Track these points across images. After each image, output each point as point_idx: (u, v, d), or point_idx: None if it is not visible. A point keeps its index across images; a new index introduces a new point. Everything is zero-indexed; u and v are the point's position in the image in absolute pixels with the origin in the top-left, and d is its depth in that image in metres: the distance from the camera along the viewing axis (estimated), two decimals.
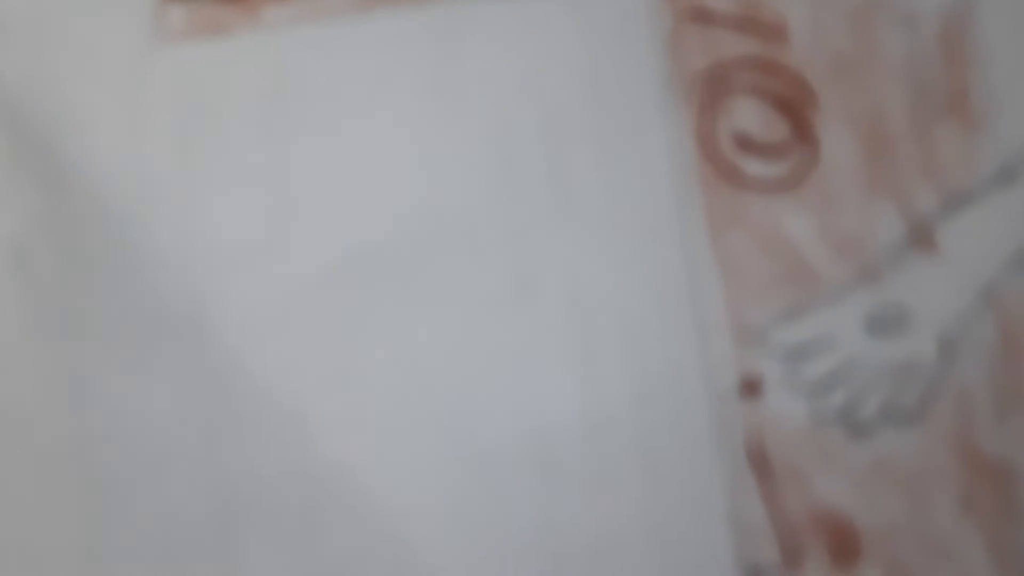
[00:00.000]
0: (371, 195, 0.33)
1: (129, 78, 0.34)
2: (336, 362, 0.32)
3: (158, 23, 0.34)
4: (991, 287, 0.30)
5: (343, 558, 0.31)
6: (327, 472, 0.31)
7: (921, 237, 0.31)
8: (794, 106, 0.31)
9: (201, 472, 0.32)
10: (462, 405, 0.31)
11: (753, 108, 0.32)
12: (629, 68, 0.32)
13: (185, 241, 0.33)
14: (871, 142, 0.31)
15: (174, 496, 0.32)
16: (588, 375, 0.31)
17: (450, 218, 0.32)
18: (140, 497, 0.32)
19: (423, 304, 0.32)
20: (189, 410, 0.32)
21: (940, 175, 0.31)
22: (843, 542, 0.29)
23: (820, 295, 0.31)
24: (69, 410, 0.32)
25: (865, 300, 0.31)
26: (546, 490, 0.30)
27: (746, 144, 0.32)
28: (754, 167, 0.31)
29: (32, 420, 0.32)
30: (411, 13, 0.33)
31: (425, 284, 0.32)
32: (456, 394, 0.31)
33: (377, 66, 0.33)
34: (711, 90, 0.32)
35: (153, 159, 0.34)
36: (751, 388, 0.30)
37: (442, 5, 0.33)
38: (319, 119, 0.33)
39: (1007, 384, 0.30)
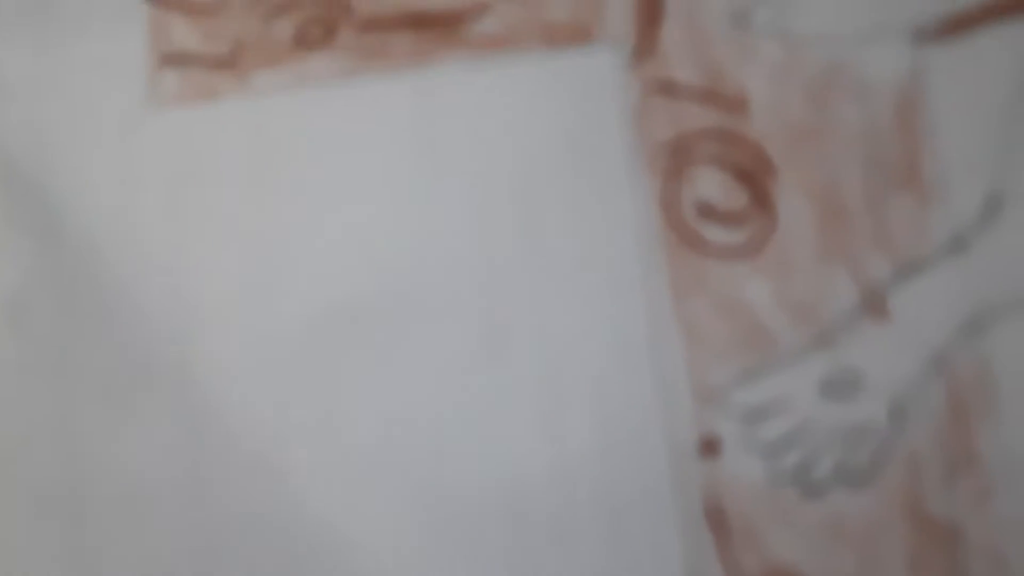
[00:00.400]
0: (350, 253, 0.34)
1: (123, 139, 0.35)
2: (314, 412, 0.33)
3: (152, 87, 0.35)
4: (941, 354, 0.31)
5: None
6: (303, 518, 0.32)
7: (874, 304, 0.32)
8: (753, 176, 0.32)
9: (184, 514, 0.33)
10: (434, 457, 0.32)
11: (714, 177, 0.33)
12: (599, 137, 0.33)
13: (172, 294, 0.34)
14: (827, 211, 0.32)
15: (157, 537, 0.32)
16: (555, 430, 0.32)
17: (425, 276, 0.33)
18: (125, 538, 0.32)
19: (398, 358, 0.32)
20: (173, 455, 0.33)
21: (893, 243, 0.32)
22: None
23: (777, 358, 0.32)
24: (58, 452, 0.33)
25: (819, 364, 0.31)
26: (513, 540, 0.31)
27: (707, 212, 0.33)
28: (715, 234, 0.32)
29: (22, 461, 0.33)
30: (392, 80, 0.34)
31: (400, 339, 0.33)
32: (428, 446, 0.32)
33: (359, 130, 0.34)
34: (675, 160, 0.33)
35: (144, 216, 0.35)
36: (710, 447, 0.31)
37: (422, 73, 0.34)
38: (303, 181, 0.34)
39: (955, 448, 0.31)
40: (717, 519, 0.30)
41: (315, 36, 0.34)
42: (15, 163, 0.34)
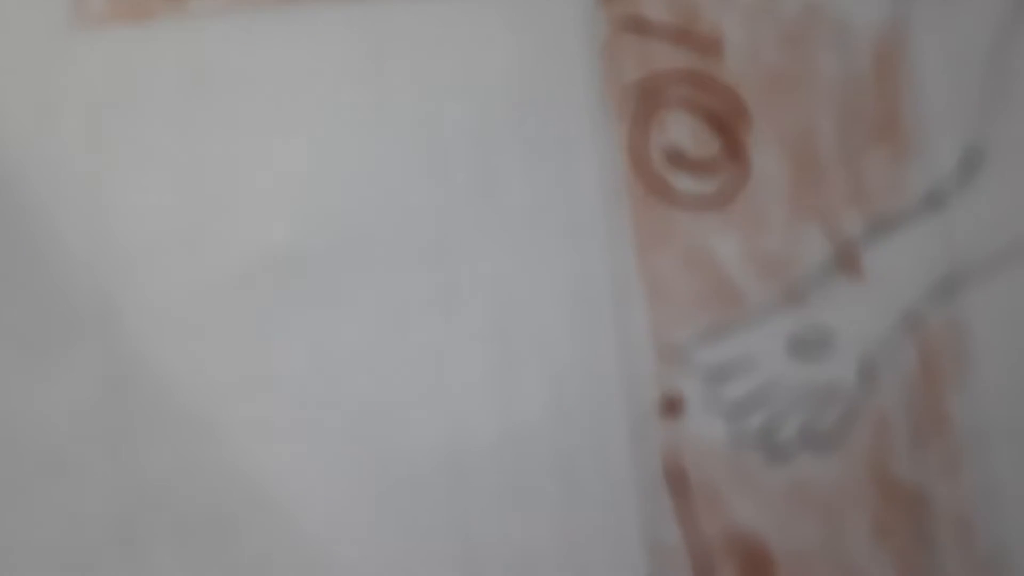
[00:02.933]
0: (291, 194, 0.31)
1: (44, 62, 0.32)
2: (249, 366, 0.30)
3: (77, 6, 0.32)
4: (914, 313, 0.29)
5: (250, 567, 0.29)
6: (236, 479, 0.30)
7: (847, 260, 0.30)
8: (726, 123, 0.30)
9: (105, 477, 0.29)
10: (377, 414, 0.29)
11: (685, 123, 0.30)
12: (562, 75, 0.31)
13: (95, 235, 0.31)
14: (801, 163, 0.30)
15: (76, 501, 0.29)
16: (507, 389, 0.29)
17: (369, 222, 0.30)
18: (40, 501, 0.29)
19: (341, 309, 0.30)
20: (96, 412, 0.30)
21: (868, 198, 0.30)
22: (757, 565, 0.28)
23: (744, 315, 0.30)
24: None
25: (788, 322, 0.29)
26: (462, 504, 0.29)
27: (677, 160, 0.30)
28: (684, 183, 0.30)
29: None
30: (340, 8, 0.31)
31: (342, 289, 0.30)
32: (371, 403, 0.30)
33: (302, 61, 0.31)
34: (644, 102, 0.30)
35: (65, 148, 0.31)
36: (672, 407, 0.30)
37: (371, 2, 0.32)
38: (240, 113, 0.31)
39: (925, 411, 0.29)
40: (677, 482, 0.28)
41: None
42: None
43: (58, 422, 0.30)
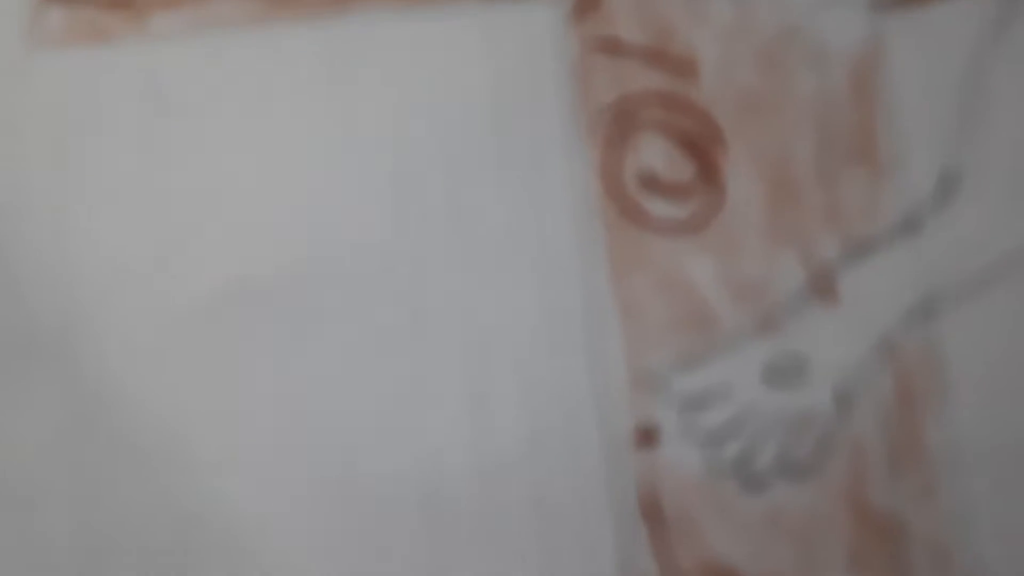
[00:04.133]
0: (258, 219, 0.30)
1: (2, 82, 0.31)
2: (216, 396, 0.29)
3: (35, 26, 0.31)
4: (890, 339, 0.29)
5: None
6: (202, 511, 0.29)
7: (822, 286, 0.29)
8: (701, 146, 0.30)
9: (70, 511, 0.28)
10: (347, 445, 0.28)
11: (659, 146, 0.29)
12: (534, 97, 0.30)
13: (59, 260, 0.30)
14: (776, 186, 0.29)
15: (41, 534, 0.28)
16: (480, 417, 0.29)
17: (341, 247, 0.30)
18: (4, 533, 0.29)
19: (307, 339, 0.29)
20: (57, 442, 0.29)
21: (844, 223, 0.29)
22: None
23: (719, 342, 0.29)
24: None
25: (763, 349, 0.29)
26: (435, 538, 0.28)
27: (651, 183, 0.30)
28: (658, 207, 0.29)
29: None
30: (305, 29, 0.31)
31: (309, 318, 0.29)
32: (341, 433, 0.28)
33: (266, 83, 0.30)
34: (617, 125, 0.30)
35: (27, 170, 0.30)
36: (646, 437, 0.29)
37: (337, 22, 0.31)
38: (205, 136, 0.30)
39: (901, 438, 0.29)
40: (653, 512, 0.28)
41: None
42: None
43: (23, 454, 0.29)
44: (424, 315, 0.29)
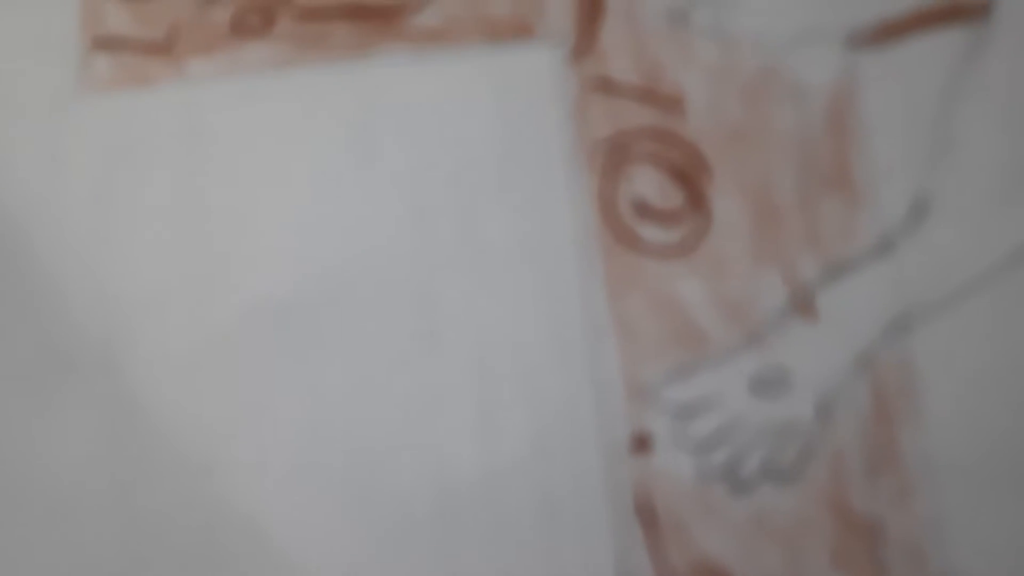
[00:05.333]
0: (282, 246, 0.32)
1: (52, 121, 0.33)
2: (245, 410, 0.31)
3: (84, 70, 0.34)
4: (867, 353, 0.31)
5: None
6: (232, 517, 0.31)
7: (803, 304, 0.31)
8: (689, 175, 0.32)
9: (108, 517, 0.30)
10: (364, 457, 0.31)
11: (651, 176, 0.32)
12: (537, 132, 0.32)
13: (99, 284, 0.32)
14: (759, 212, 0.31)
15: (83, 541, 0.30)
16: (488, 430, 0.31)
17: (361, 270, 0.32)
18: (47, 543, 0.30)
19: (331, 354, 0.31)
20: (97, 454, 0.31)
21: (823, 245, 0.31)
22: None
23: (708, 356, 0.31)
24: None
25: (750, 362, 0.31)
26: (446, 542, 0.30)
27: (644, 211, 0.32)
28: (650, 233, 0.32)
29: None
30: (329, 72, 0.33)
31: (331, 336, 0.31)
32: (358, 446, 0.31)
33: (294, 121, 0.33)
34: (613, 157, 0.32)
35: (71, 203, 0.33)
36: (641, 444, 0.31)
37: (360, 65, 0.33)
38: (236, 171, 0.33)
39: (878, 446, 0.31)
40: (647, 515, 0.30)
41: (253, 24, 0.32)
42: None
43: (66, 466, 0.31)
44: (436, 333, 0.31)
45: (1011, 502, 0.29)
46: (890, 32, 0.31)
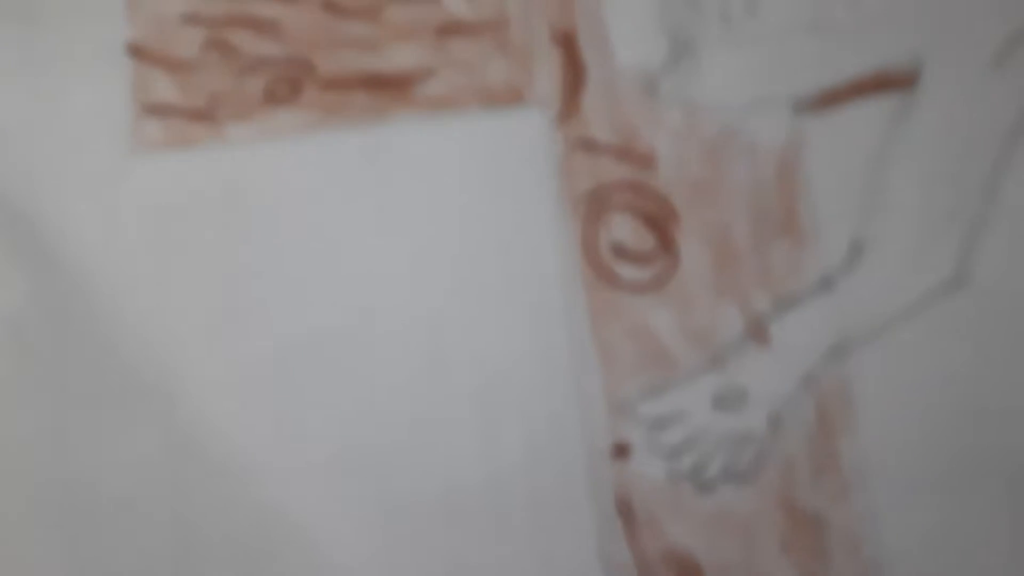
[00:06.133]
0: (312, 288, 0.37)
1: (108, 180, 0.38)
2: (282, 425, 0.36)
3: (135, 134, 0.38)
4: (811, 374, 0.36)
5: None
6: (272, 517, 0.36)
7: (757, 331, 0.36)
8: (660, 222, 0.37)
9: (166, 516, 0.36)
10: (385, 467, 0.36)
11: (627, 223, 0.37)
12: (529, 185, 0.37)
13: (156, 319, 0.37)
14: (720, 253, 0.36)
15: (144, 536, 0.36)
16: (489, 443, 0.36)
17: (378, 307, 0.37)
18: (114, 537, 0.35)
19: (353, 383, 0.36)
20: (158, 462, 0.36)
21: (773, 281, 0.36)
22: (688, 574, 0.35)
23: (677, 377, 0.36)
24: (54, 460, 0.36)
25: (712, 382, 0.36)
26: (453, 538, 0.35)
27: (621, 252, 0.37)
28: (627, 271, 0.37)
29: (22, 469, 0.36)
30: (347, 135, 0.38)
31: (354, 365, 0.36)
32: (380, 458, 0.36)
33: (320, 177, 0.37)
34: (594, 206, 0.37)
35: (129, 250, 0.37)
36: (620, 451, 0.36)
37: (376, 128, 0.38)
38: (270, 223, 0.37)
39: (821, 453, 0.35)
40: (626, 511, 0.35)
41: (283, 93, 0.37)
42: (11, 201, 0.37)
43: (124, 472, 0.36)
44: (443, 361, 0.36)
45: (933, 500, 0.34)
46: (830, 99, 0.36)
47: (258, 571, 0.35)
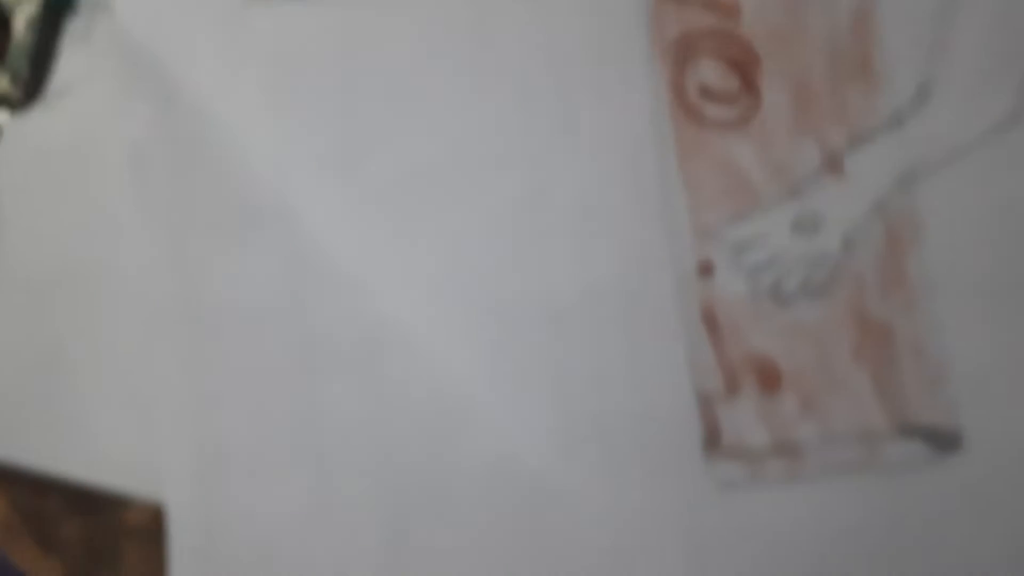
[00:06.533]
0: (421, 124, 0.41)
1: (229, 24, 0.41)
2: (396, 242, 0.40)
3: None
4: (881, 200, 0.39)
5: (397, 381, 0.39)
6: (384, 322, 0.39)
7: (832, 164, 0.40)
8: (743, 66, 0.40)
9: (287, 328, 0.40)
10: (490, 278, 0.39)
11: (713, 66, 0.41)
12: (622, 34, 0.41)
13: (274, 153, 0.41)
14: (799, 94, 0.40)
15: (263, 351, 0.40)
16: (584, 259, 0.39)
17: (480, 142, 0.41)
18: (233, 352, 0.40)
19: (461, 202, 0.39)
20: (276, 283, 0.40)
21: (848, 119, 0.39)
22: (769, 376, 0.38)
23: (758, 205, 0.40)
24: (177, 279, 0.40)
25: (791, 210, 0.39)
26: (551, 343, 0.39)
27: (707, 93, 0.40)
28: (713, 111, 0.40)
29: (146, 287, 0.40)
30: None
31: (462, 187, 0.39)
32: (486, 270, 0.39)
33: (425, 28, 0.42)
34: (682, 52, 0.41)
35: (246, 89, 0.40)
36: (706, 270, 0.39)
37: None
38: (380, 72, 0.41)
39: (890, 269, 0.39)
40: (711, 322, 0.38)
41: None
42: (136, 36, 0.41)
43: (245, 291, 0.40)
44: (543, 190, 0.39)
45: (995, 311, 0.37)
46: None
47: (374, 373, 0.39)
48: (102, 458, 0.39)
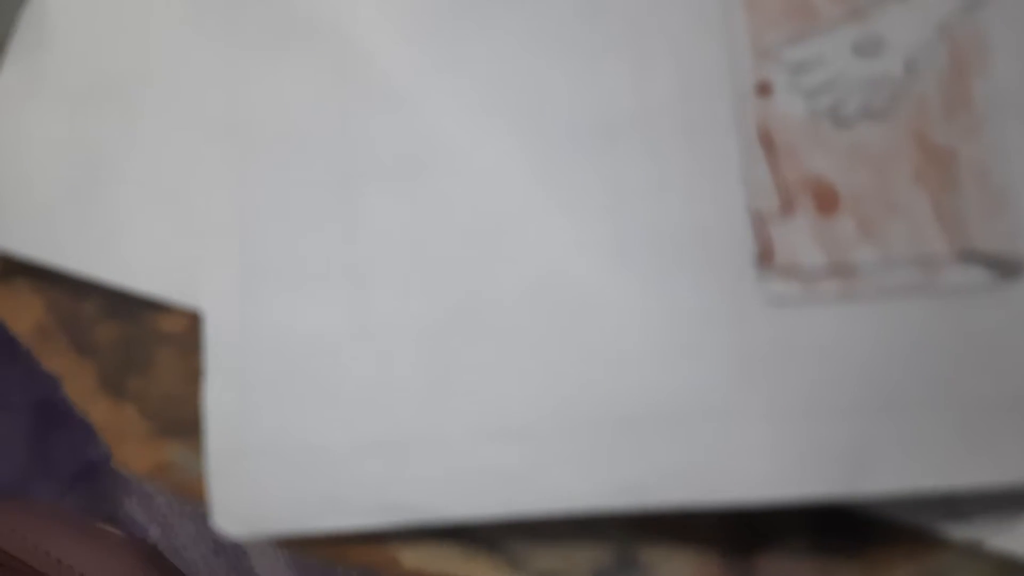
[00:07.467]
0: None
1: None
2: (445, 58, 0.39)
3: None
4: (946, 22, 0.38)
5: (438, 203, 0.37)
6: (428, 135, 0.39)
7: None
8: None
9: (334, 140, 0.39)
10: (541, 95, 0.38)
11: None
12: None
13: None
14: None
15: (308, 161, 0.39)
16: (641, 75, 0.38)
17: None
18: (279, 161, 0.39)
19: (517, 17, 0.39)
20: (325, 96, 0.39)
21: None
22: (826, 199, 0.38)
23: (819, 27, 0.39)
24: (223, 89, 0.39)
25: (852, 32, 0.38)
26: (607, 157, 0.38)
27: None
28: None
29: (192, 97, 0.39)
30: None
31: (518, 3, 0.39)
32: (536, 87, 0.39)
33: None
34: None
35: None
36: (763, 89, 0.38)
37: None
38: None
39: (953, 92, 0.38)
40: (767, 142, 0.37)
41: None
42: None
43: (293, 104, 0.39)
44: (597, 6, 0.38)
45: None
46: None
47: (418, 190, 0.38)
48: (141, 265, 0.38)
